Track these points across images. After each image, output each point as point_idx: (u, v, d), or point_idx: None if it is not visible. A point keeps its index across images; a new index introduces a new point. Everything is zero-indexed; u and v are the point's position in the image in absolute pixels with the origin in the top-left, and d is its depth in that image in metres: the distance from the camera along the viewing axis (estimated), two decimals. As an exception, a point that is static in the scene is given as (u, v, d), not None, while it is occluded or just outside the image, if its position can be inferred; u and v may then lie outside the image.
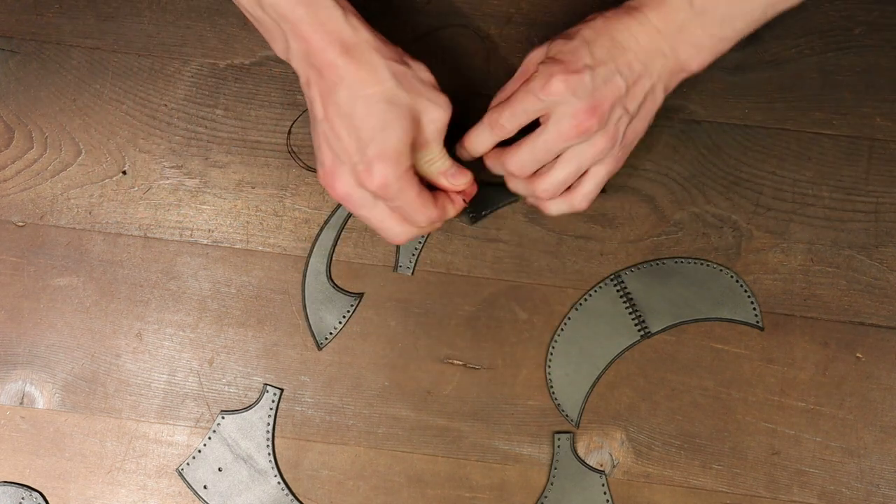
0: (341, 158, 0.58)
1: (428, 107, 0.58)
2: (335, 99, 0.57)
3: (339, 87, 0.56)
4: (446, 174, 0.62)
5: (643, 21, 0.59)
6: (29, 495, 0.68)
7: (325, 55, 0.56)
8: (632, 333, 0.69)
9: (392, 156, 0.57)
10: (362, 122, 0.56)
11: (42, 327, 0.69)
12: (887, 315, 0.69)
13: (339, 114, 0.57)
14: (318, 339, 0.69)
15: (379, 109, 0.56)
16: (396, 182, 0.57)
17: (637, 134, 0.62)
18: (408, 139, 0.57)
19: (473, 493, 0.68)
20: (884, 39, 0.70)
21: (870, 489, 0.68)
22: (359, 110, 0.56)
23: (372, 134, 0.56)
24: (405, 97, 0.57)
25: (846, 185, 0.70)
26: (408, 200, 0.59)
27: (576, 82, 0.58)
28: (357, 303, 0.69)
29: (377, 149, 0.57)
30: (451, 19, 0.70)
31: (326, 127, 0.58)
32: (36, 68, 0.70)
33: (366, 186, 0.58)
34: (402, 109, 0.57)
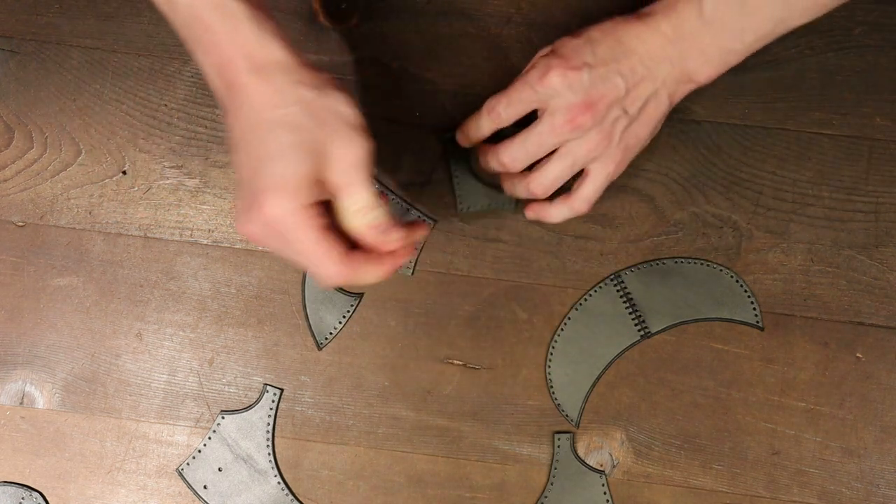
0: (245, 190, 0.52)
1: (338, 141, 0.51)
2: (240, 123, 0.52)
3: (243, 110, 0.51)
4: (376, 228, 0.53)
5: (652, 26, 0.59)
6: (29, 495, 0.68)
7: (231, 70, 0.51)
8: (632, 333, 0.69)
9: (285, 187, 0.50)
10: (258, 148, 0.51)
11: (42, 327, 0.69)
12: (887, 315, 0.69)
13: (242, 139, 0.52)
14: (318, 339, 0.69)
15: (276, 136, 0.50)
16: (289, 218, 0.50)
17: (639, 138, 0.62)
18: (307, 173, 0.50)
19: (473, 493, 0.68)
20: (884, 39, 0.70)
21: (870, 489, 0.68)
22: (257, 135, 0.51)
23: (266, 162, 0.50)
24: (310, 126, 0.51)
25: (846, 185, 0.70)
26: (304, 246, 0.51)
27: (573, 77, 0.58)
28: (357, 303, 0.69)
29: (269, 179, 0.50)
30: (451, 19, 0.70)
31: (234, 156, 0.53)
32: (36, 68, 0.70)
33: (259, 220, 0.51)
34: (305, 137, 0.51)
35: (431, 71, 0.70)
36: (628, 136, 0.61)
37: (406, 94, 0.70)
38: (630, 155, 0.63)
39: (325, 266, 0.52)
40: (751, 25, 0.58)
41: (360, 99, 0.70)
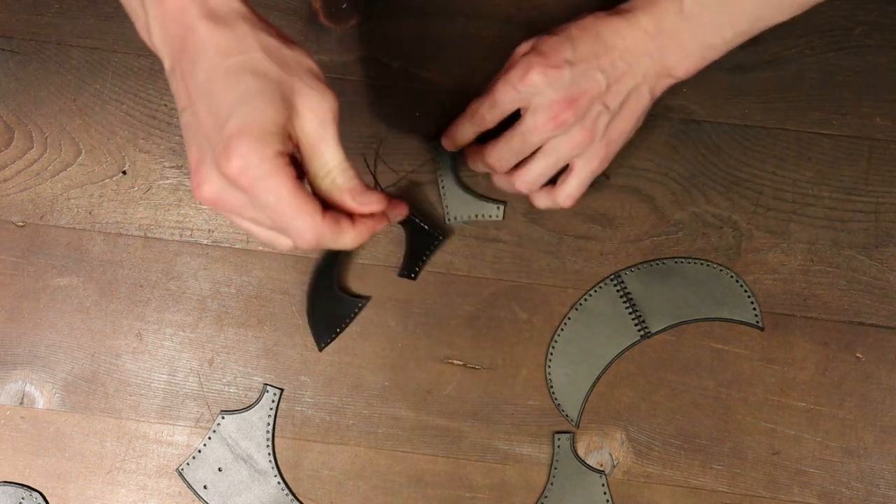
0: (203, 148, 0.48)
1: (306, 92, 0.47)
2: (195, 77, 0.47)
3: (199, 61, 0.47)
4: (351, 192, 0.49)
5: (632, 22, 0.59)
6: (29, 495, 0.68)
7: (184, 18, 0.47)
8: (632, 333, 0.69)
9: (254, 132, 0.45)
10: (222, 96, 0.46)
11: (42, 327, 0.69)
12: (887, 315, 0.69)
13: (199, 92, 0.47)
14: (320, 343, 0.69)
15: (240, 80, 0.46)
16: (259, 167, 0.46)
17: (621, 133, 0.62)
18: (277, 118, 0.46)
19: (473, 493, 0.68)
20: (884, 39, 0.70)
21: (870, 489, 0.68)
22: (218, 84, 0.46)
23: (231, 108, 0.46)
24: (275, 71, 0.47)
25: (846, 185, 0.70)
26: (277, 198, 0.46)
27: (553, 75, 0.58)
28: (363, 305, 0.69)
29: (235, 124, 0.45)
30: (451, 19, 0.70)
31: (189, 114, 0.48)
32: (36, 68, 0.70)
33: (226, 174, 0.46)
34: (270, 83, 0.47)
35: (431, 71, 0.70)
36: (611, 131, 0.61)
37: (406, 94, 0.70)
38: (613, 149, 0.63)
39: (302, 221, 0.47)
40: (729, 21, 0.59)
41: (360, 99, 0.70)
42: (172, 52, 0.48)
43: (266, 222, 0.48)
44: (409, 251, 0.69)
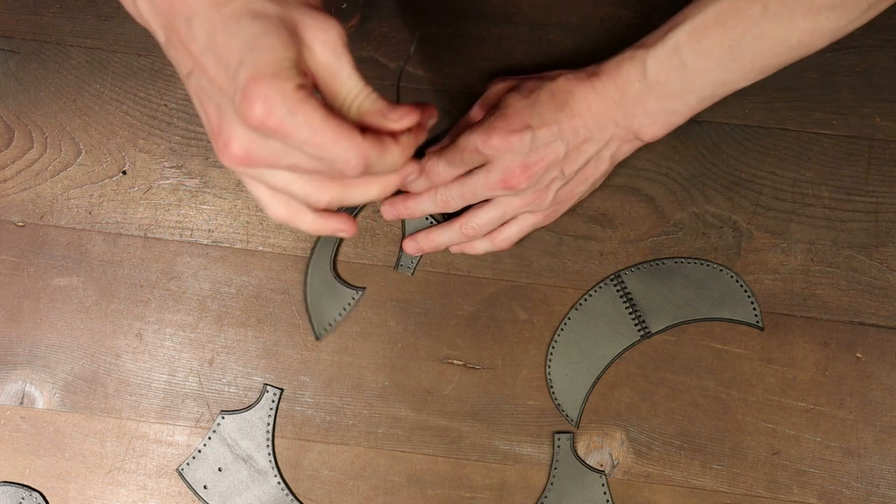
0: (221, 105, 0.45)
1: (310, 23, 0.45)
2: (195, 35, 0.45)
3: (194, 18, 0.44)
4: (381, 112, 0.46)
5: (599, 89, 0.60)
6: (29, 495, 0.68)
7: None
8: (632, 333, 0.69)
9: (269, 71, 0.43)
10: (226, 46, 0.44)
11: (42, 327, 0.69)
12: (887, 315, 0.69)
13: (203, 49, 0.44)
14: (317, 329, 0.69)
15: (241, 26, 0.44)
16: (283, 103, 0.42)
17: (573, 195, 0.65)
18: (288, 53, 0.44)
19: (473, 493, 0.68)
20: (884, 39, 0.70)
21: (870, 489, 0.68)
22: (220, 35, 0.44)
23: (240, 55, 0.43)
24: (272, 8, 0.44)
25: (846, 185, 0.70)
26: (312, 127, 0.43)
27: (514, 142, 0.60)
28: (359, 297, 0.69)
29: (248, 68, 0.43)
30: (451, 19, 0.70)
31: (198, 76, 0.46)
32: (36, 68, 0.70)
33: (251, 122, 0.43)
34: (272, 21, 0.44)
35: (431, 71, 0.70)
36: (562, 194, 0.64)
37: (406, 94, 0.70)
38: (562, 209, 0.66)
39: (344, 144, 0.44)
40: (692, 88, 0.59)
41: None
42: (163, 20, 0.46)
43: (306, 165, 0.45)
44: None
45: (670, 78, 0.59)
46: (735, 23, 0.57)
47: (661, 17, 0.61)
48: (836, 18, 0.56)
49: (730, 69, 0.58)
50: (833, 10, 0.56)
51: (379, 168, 0.46)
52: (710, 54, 0.58)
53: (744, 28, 0.57)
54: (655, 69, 0.59)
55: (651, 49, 0.59)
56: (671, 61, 0.59)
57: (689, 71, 0.59)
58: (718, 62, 0.58)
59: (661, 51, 0.59)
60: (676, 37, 0.58)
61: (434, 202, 0.65)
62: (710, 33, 0.57)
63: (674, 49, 0.58)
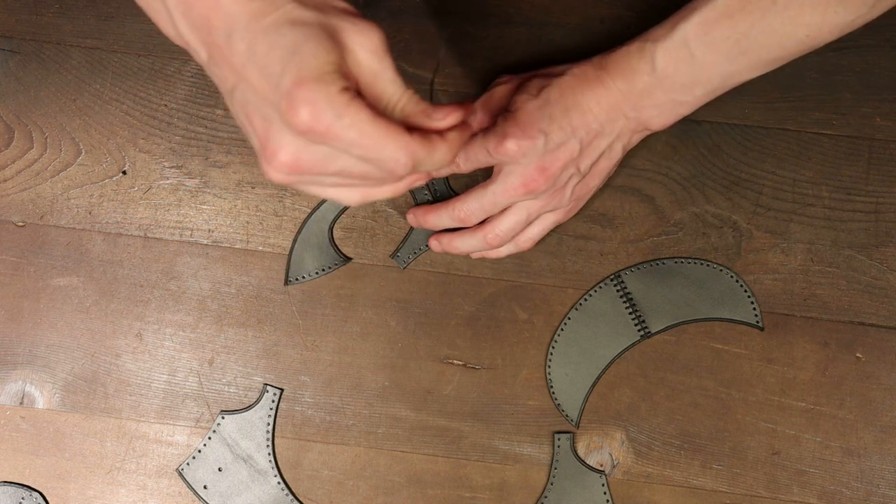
0: (267, 115, 0.45)
1: (350, 28, 0.45)
2: (236, 49, 0.45)
3: (234, 33, 0.45)
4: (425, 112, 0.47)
5: (608, 84, 0.60)
6: (29, 495, 0.68)
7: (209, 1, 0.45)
8: (632, 333, 0.69)
9: (312, 76, 0.43)
10: (269, 56, 0.44)
11: (42, 327, 0.69)
12: (887, 315, 0.69)
13: (245, 62, 0.45)
14: (290, 276, 0.69)
15: (282, 35, 0.44)
16: (330, 107, 0.43)
17: (590, 189, 0.65)
18: (330, 57, 0.44)
19: (473, 493, 0.68)
20: (884, 39, 0.70)
21: (870, 489, 0.68)
22: (261, 45, 0.44)
23: (283, 63, 0.44)
24: (312, 15, 0.45)
25: (846, 185, 0.70)
26: (360, 129, 0.44)
27: (528, 146, 0.59)
28: (339, 264, 0.69)
29: (292, 75, 0.43)
30: (451, 19, 0.70)
31: (242, 89, 0.46)
32: (36, 68, 0.70)
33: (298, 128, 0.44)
34: (313, 28, 0.44)
35: (431, 71, 0.70)
36: (579, 189, 0.64)
37: (406, 94, 0.70)
38: (580, 204, 0.67)
39: (393, 145, 0.44)
40: (700, 80, 0.60)
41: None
42: (203, 38, 0.46)
43: (356, 169, 0.46)
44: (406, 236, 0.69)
45: (679, 70, 0.59)
46: (743, 16, 0.57)
47: (660, 16, 0.61)
48: (845, 13, 0.56)
49: (737, 62, 0.58)
50: (841, 4, 0.56)
51: (428, 166, 0.46)
52: (718, 47, 0.58)
53: (752, 21, 0.57)
54: (664, 62, 0.59)
55: (659, 42, 0.59)
56: (679, 54, 0.59)
57: (697, 64, 0.59)
58: (726, 55, 0.58)
59: (669, 44, 0.59)
60: (685, 29, 0.58)
61: (452, 217, 0.65)
62: (719, 26, 0.57)
63: (682, 42, 0.58)
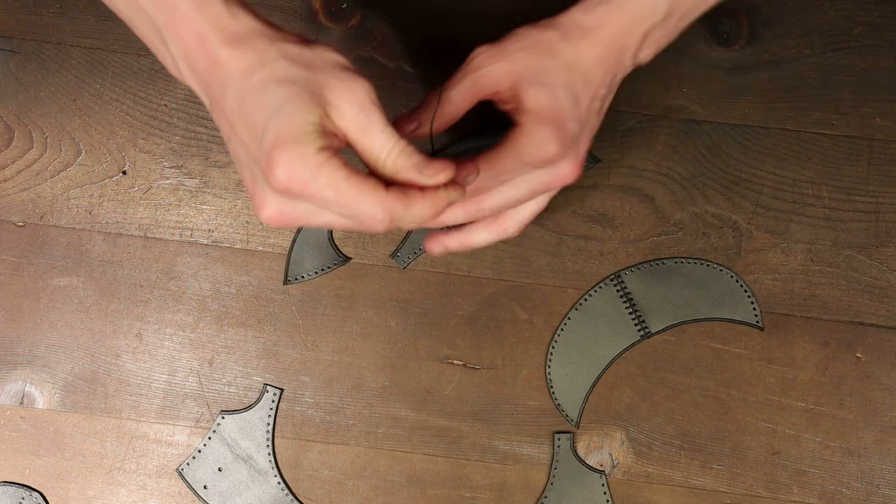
0: (253, 171, 0.47)
1: (335, 84, 0.46)
2: (228, 104, 0.47)
3: (227, 88, 0.47)
4: (417, 167, 0.47)
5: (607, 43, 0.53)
6: (29, 495, 0.68)
7: (206, 50, 0.47)
8: (632, 333, 0.69)
9: (290, 138, 0.45)
10: (255, 114, 0.46)
11: (42, 327, 0.69)
12: (887, 315, 0.69)
13: (235, 118, 0.47)
14: (290, 276, 0.69)
15: (267, 93, 0.46)
16: (304, 168, 0.44)
17: None
18: (310, 118, 0.45)
19: (473, 493, 0.68)
20: (884, 39, 0.70)
21: (870, 489, 0.68)
22: (249, 103, 0.46)
23: (265, 122, 0.45)
24: (300, 74, 0.46)
25: (846, 185, 0.70)
26: (335, 188, 0.45)
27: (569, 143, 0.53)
28: (340, 264, 0.69)
29: (271, 135, 0.45)
30: (451, 19, 0.70)
31: (234, 142, 0.48)
32: (36, 68, 0.70)
33: (277, 188, 0.46)
34: (297, 87, 0.46)
35: (431, 71, 0.70)
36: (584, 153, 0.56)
37: (406, 94, 0.70)
38: None
39: (368, 201, 0.45)
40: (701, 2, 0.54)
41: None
42: (204, 87, 0.49)
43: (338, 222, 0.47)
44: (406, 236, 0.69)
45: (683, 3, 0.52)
46: None
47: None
48: None
49: None
50: None
51: (407, 221, 0.47)
52: None
53: None
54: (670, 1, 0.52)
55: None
56: None
57: None
58: None
59: None
60: None
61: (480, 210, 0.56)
62: None
63: None
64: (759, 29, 0.70)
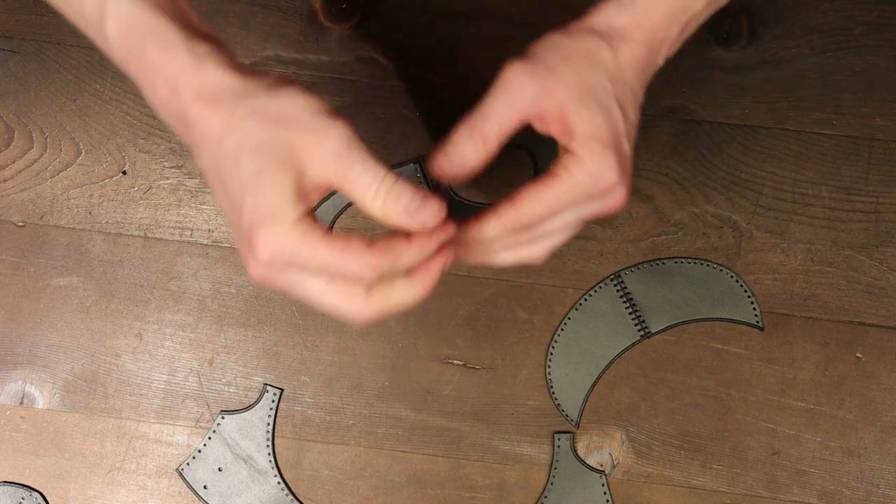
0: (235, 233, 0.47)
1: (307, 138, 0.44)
2: (204, 162, 0.46)
3: (201, 147, 0.46)
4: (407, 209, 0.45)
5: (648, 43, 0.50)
6: (29, 495, 0.68)
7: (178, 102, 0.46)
8: (632, 333, 0.69)
9: (267, 216, 0.44)
10: (229, 182, 0.45)
11: (42, 327, 0.69)
12: (887, 315, 0.69)
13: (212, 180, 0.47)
14: None
15: (240, 164, 0.44)
16: (285, 246, 0.44)
17: None
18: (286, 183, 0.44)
19: (473, 493, 0.68)
20: (884, 39, 0.70)
21: (870, 489, 0.68)
22: (222, 170, 0.45)
23: (241, 194, 0.44)
24: (269, 134, 0.44)
25: (846, 185, 0.70)
26: (318, 258, 0.44)
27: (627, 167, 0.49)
28: None
29: (249, 214, 0.44)
30: (451, 19, 0.70)
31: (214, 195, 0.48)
32: (36, 68, 0.70)
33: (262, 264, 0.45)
34: (269, 152, 0.44)
35: (431, 71, 0.70)
36: None
37: (406, 94, 0.70)
38: None
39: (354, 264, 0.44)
40: None
41: (360, 99, 0.70)
42: (181, 133, 0.48)
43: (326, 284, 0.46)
44: None
45: None
46: None
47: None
48: None
49: None
50: None
51: (397, 272, 0.46)
52: None
53: None
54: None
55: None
56: None
57: None
58: None
59: None
60: None
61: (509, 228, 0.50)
62: None
63: None
64: (759, 29, 0.69)
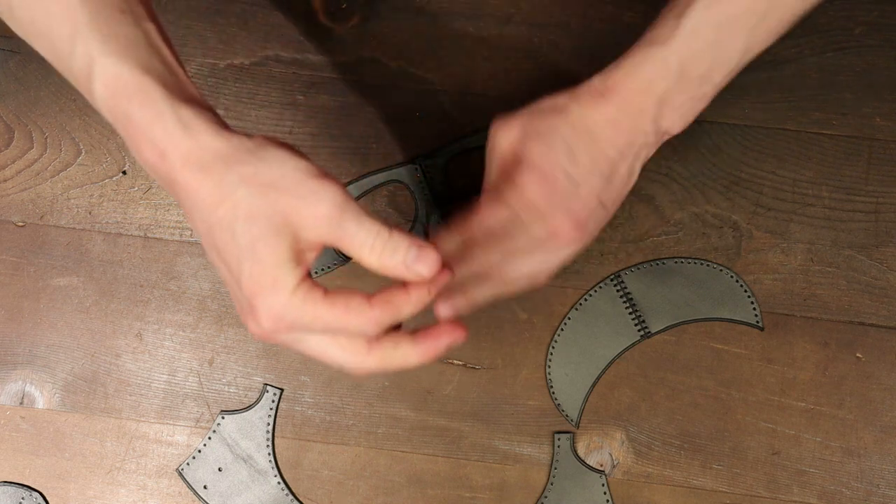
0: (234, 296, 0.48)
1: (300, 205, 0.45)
2: (197, 227, 0.47)
3: (194, 213, 0.47)
4: (404, 262, 0.47)
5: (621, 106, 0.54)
6: (29, 495, 0.68)
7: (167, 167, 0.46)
8: (632, 333, 0.69)
9: (267, 285, 0.45)
10: (226, 250, 0.46)
11: (42, 327, 0.69)
12: (887, 315, 0.69)
13: (206, 243, 0.47)
14: None
15: (235, 233, 0.45)
16: (287, 313, 0.45)
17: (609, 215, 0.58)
18: (282, 249, 0.45)
19: (473, 493, 0.68)
20: (884, 39, 0.70)
21: (870, 489, 0.68)
22: (218, 238, 0.46)
23: (239, 264, 0.45)
24: (262, 202, 0.45)
25: (846, 185, 0.70)
26: (320, 321, 0.46)
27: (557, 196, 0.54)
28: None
29: (247, 281, 0.45)
30: (451, 19, 0.70)
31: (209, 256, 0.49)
32: (36, 68, 0.70)
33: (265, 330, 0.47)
34: (263, 222, 0.45)
35: (431, 71, 0.70)
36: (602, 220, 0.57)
37: (406, 94, 0.70)
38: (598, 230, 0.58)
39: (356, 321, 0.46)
40: (719, 64, 0.54)
41: (360, 99, 0.70)
42: (172, 195, 0.48)
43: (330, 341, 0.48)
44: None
45: (697, 64, 0.53)
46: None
47: (661, 17, 0.60)
48: None
49: (757, 31, 0.53)
50: None
51: (398, 321, 0.48)
52: (735, 24, 0.52)
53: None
54: (680, 61, 0.53)
55: (669, 42, 0.53)
56: (694, 46, 0.53)
57: (714, 50, 0.53)
58: (745, 27, 0.53)
59: (680, 41, 0.53)
60: (693, 19, 0.52)
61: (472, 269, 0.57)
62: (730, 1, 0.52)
63: (694, 33, 0.53)
64: (759, 29, 0.69)
